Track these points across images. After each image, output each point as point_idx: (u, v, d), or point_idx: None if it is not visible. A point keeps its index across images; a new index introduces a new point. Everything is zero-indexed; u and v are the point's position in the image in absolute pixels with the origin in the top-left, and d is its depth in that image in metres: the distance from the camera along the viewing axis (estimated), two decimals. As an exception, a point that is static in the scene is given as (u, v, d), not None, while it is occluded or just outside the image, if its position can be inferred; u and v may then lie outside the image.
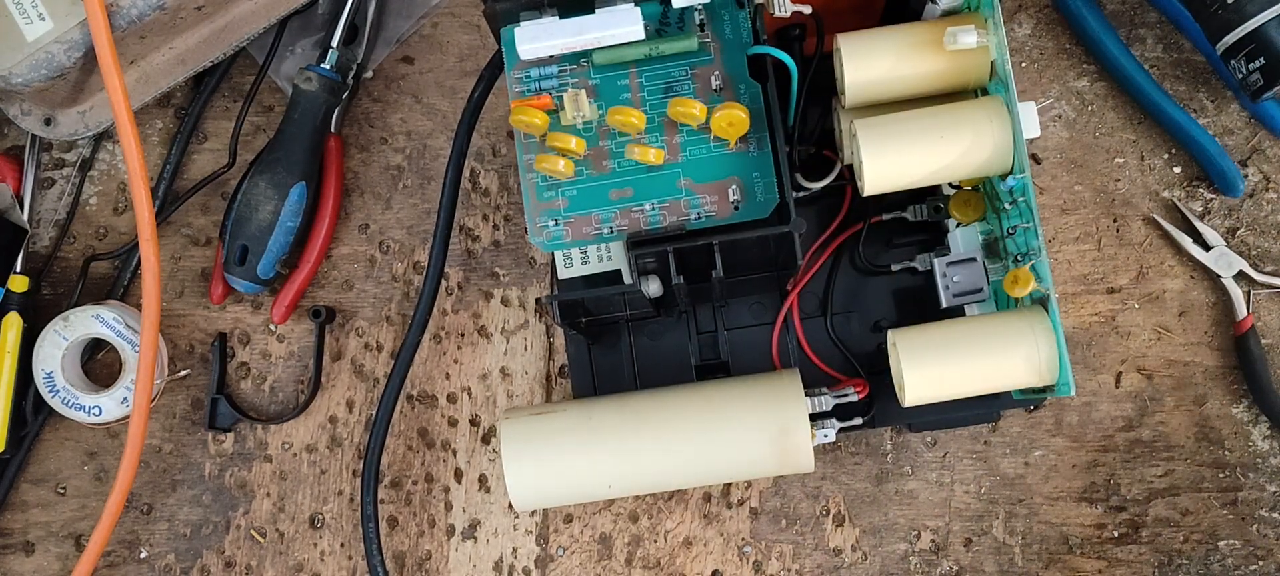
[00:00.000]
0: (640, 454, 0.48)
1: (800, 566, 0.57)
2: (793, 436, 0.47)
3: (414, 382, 0.59)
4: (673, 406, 0.49)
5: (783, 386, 0.48)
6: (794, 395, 0.48)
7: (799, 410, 0.48)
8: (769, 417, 0.48)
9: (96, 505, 0.59)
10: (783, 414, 0.48)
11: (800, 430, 0.47)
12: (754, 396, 0.48)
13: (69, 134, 0.57)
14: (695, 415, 0.48)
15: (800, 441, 0.47)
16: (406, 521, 0.58)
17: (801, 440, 0.47)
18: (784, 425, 0.47)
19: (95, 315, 0.57)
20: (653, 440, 0.48)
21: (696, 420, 0.48)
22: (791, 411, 0.48)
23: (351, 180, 0.60)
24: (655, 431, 0.48)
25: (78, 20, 0.52)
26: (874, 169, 0.46)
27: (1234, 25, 0.52)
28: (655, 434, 0.48)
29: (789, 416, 0.47)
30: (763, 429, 0.47)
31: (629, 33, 0.45)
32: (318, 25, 0.60)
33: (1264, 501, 0.56)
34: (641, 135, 0.46)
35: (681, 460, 0.48)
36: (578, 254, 0.53)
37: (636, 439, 0.48)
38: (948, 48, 0.46)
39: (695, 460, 0.48)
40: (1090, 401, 0.57)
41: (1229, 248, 0.57)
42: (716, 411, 0.48)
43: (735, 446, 0.48)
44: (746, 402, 0.48)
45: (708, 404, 0.49)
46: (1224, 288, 0.56)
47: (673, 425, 0.48)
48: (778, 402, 0.48)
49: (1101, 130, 0.59)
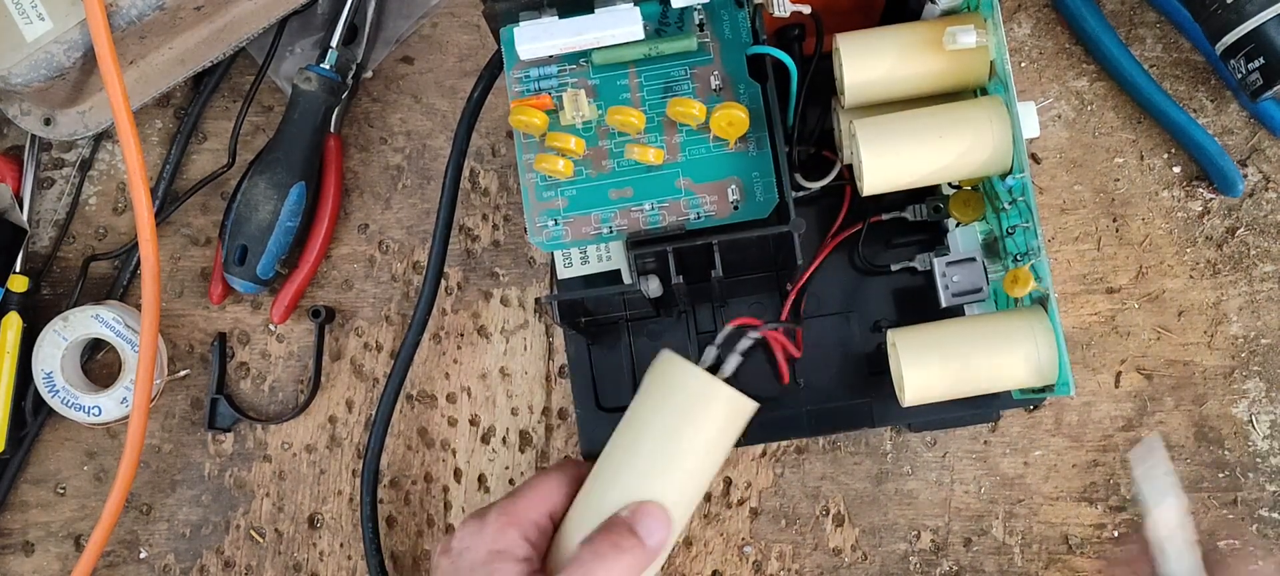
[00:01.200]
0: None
1: (800, 566, 0.57)
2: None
3: (413, 382, 0.59)
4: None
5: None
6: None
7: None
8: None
9: (96, 505, 0.59)
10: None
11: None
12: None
13: (69, 134, 0.57)
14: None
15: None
16: (405, 521, 0.58)
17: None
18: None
19: (95, 315, 0.57)
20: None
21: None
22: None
23: (351, 180, 0.60)
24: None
25: (77, 20, 0.52)
26: (874, 169, 0.46)
27: (1233, 25, 0.52)
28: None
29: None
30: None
31: (628, 33, 0.45)
32: (317, 25, 0.60)
33: (1264, 501, 0.56)
34: (641, 135, 0.46)
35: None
36: (577, 254, 0.53)
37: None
38: (947, 48, 0.46)
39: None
40: (1090, 401, 0.57)
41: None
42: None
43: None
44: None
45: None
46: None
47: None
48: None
49: (1101, 130, 0.59)
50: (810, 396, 0.54)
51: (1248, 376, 0.57)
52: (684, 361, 0.46)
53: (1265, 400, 0.57)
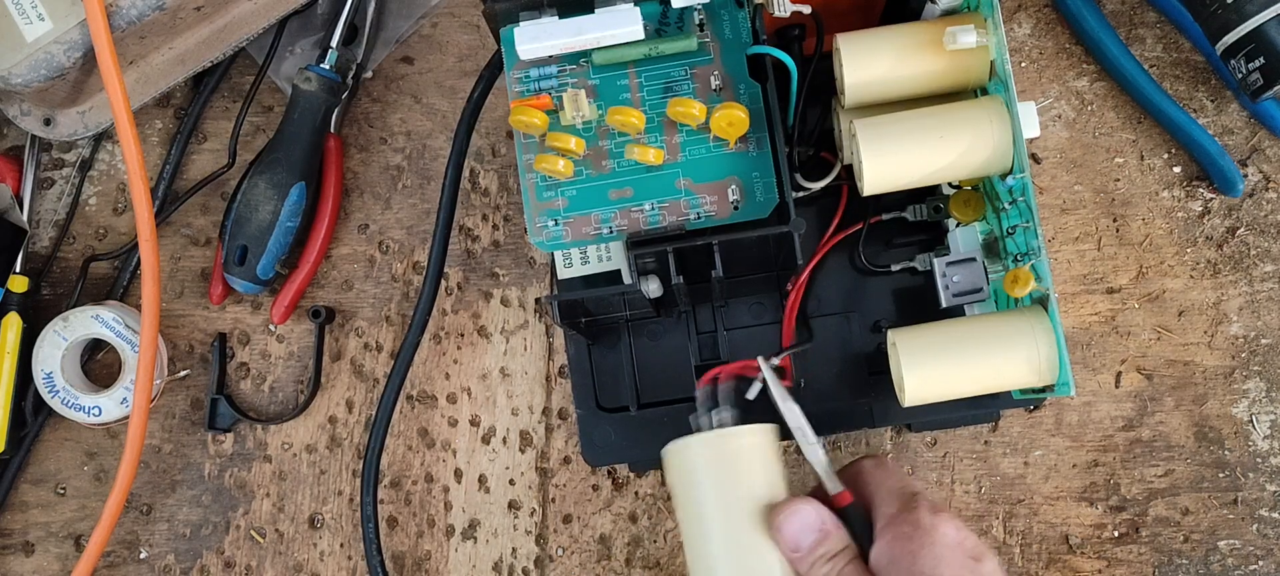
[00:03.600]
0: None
1: (800, 566, 0.57)
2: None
3: (414, 382, 0.59)
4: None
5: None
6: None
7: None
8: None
9: (96, 505, 0.59)
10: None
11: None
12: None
13: (69, 134, 0.57)
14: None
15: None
16: (406, 521, 0.58)
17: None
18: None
19: (95, 315, 0.57)
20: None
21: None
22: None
23: (351, 180, 0.60)
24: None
25: (77, 20, 0.52)
26: (874, 169, 0.46)
27: (1234, 25, 0.52)
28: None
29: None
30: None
31: (628, 33, 0.45)
32: (317, 25, 0.60)
33: (1264, 501, 0.56)
34: (641, 135, 0.46)
35: None
36: (577, 254, 0.53)
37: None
38: (947, 48, 0.46)
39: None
40: (1090, 401, 0.57)
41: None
42: None
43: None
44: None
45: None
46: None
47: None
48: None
49: (1101, 130, 0.59)
50: (810, 396, 0.54)
51: (1248, 376, 0.57)
52: (686, 440, 0.46)
53: (1265, 400, 0.57)
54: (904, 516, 0.44)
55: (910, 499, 0.44)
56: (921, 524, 0.43)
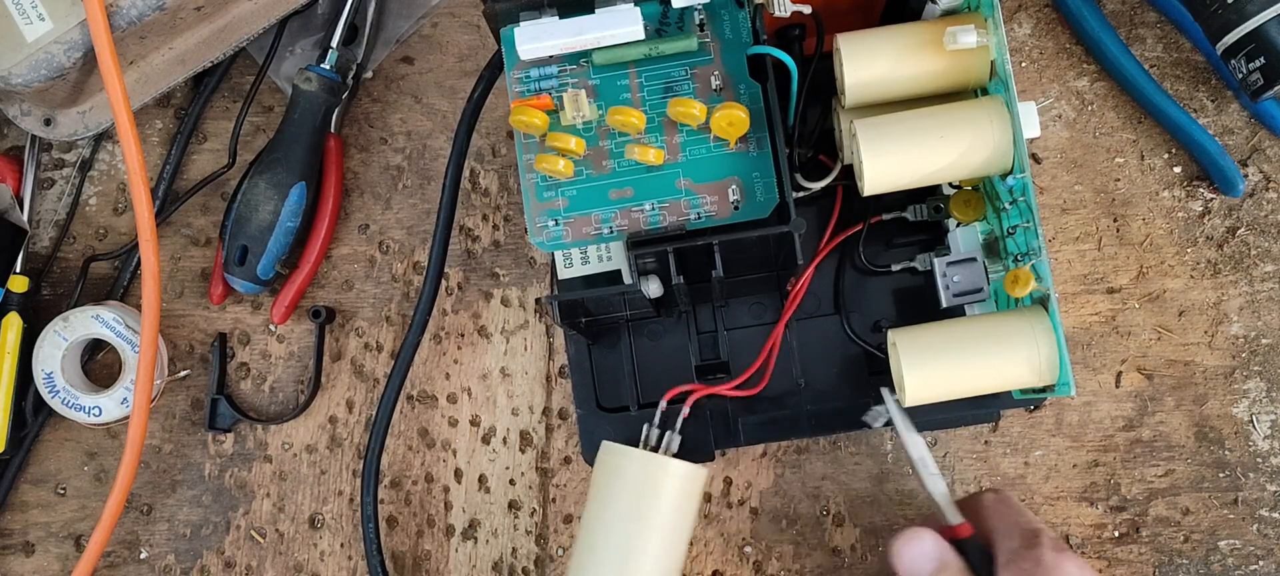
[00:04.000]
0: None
1: (800, 566, 0.57)
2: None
3: (414, 382, 0.59)
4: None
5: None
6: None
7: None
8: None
9: (96, 505, 0.59)
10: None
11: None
12: None
13: (69, 134, 0.57)
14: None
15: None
16: (406, 521, 0.58)
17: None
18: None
19: (95, 315, 0.57)
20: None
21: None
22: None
23: (351, 180, 0.60)
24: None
25: (77, 20, 0.51)
26: (874, 169, 0.46)
27: (1234, 25, 0.52)
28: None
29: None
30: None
31: (629, 33, 0.45)
32: (317, 25, 0.60)
33: (1264, 501, 0.56)
34: (641, 135, 0.46)
35: None
36: (578, 254, 0.53)
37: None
38: (948, 48, 0.46)
39: None
40: (1090, 401, 0.57)
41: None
42: None
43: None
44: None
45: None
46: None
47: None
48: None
49: (1101, 130, 0.59)
50: (810, 396, 0.54)
51: (1248, 376, 0.57)
52: (626, 449, 0.48)
53: (1266, 400, 0.57)
54: (1026, 553, 0.43)
55: (1032, 536, 0.44)
56: (1043, 561, 0.43)
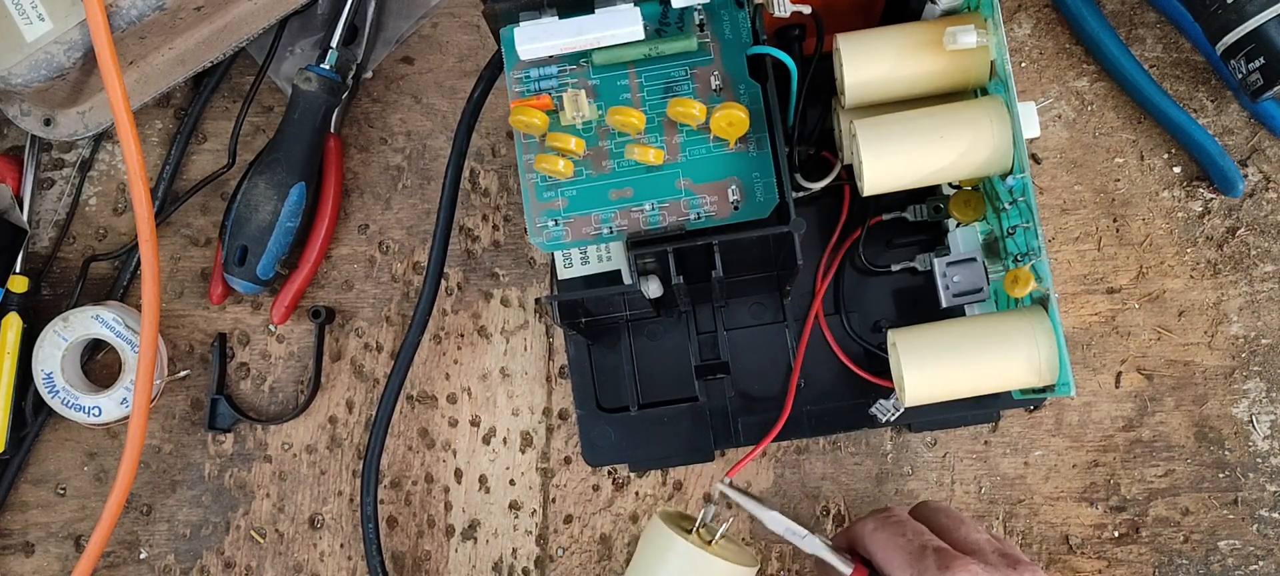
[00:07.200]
0: None
1: (800, 566, 0.57)
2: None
3: (414, 383, 0.59)
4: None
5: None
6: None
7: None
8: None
9: (96, 505, 0.59)
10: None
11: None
12: None
13: (69, 134, 0.57)
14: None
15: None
16: (406, 521, 0.58)
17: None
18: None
19: (95, 315, 0.57)
20: None
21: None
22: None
23: (351, 180, 0.60)
24: None
25: (77, 20, 0.51)
26: (874, 169, 0.46)
27: (1234, 25, 0.52)
28: None
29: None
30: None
31: (629, 33, 0.45)
32: (317, 25, 0.60)
33: (1264, 501, 0.56)
34: (641, 135, 0.46)
35: None
36: (577, 254, 0.53)
37: None
38: (947, 48, 0.46)
39: None
40: (1090, 401, 0.57)
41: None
42: None
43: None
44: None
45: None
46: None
47: None
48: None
49: (1101, 130, 0.59)
50: (810, 396, 0.54)
51: (1248, 376, 0.57)
52: (673, 535, 0.47)
53: (1266, 400, 0.57)
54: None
55: (918, 554, 0.44)
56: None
